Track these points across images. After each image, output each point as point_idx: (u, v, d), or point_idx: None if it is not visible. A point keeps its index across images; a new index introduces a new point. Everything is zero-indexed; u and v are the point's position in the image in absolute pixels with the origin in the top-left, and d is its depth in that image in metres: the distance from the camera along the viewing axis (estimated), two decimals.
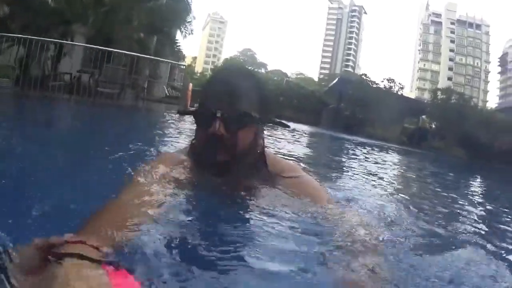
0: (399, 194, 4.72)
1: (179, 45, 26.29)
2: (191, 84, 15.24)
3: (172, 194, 1.69)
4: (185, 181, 1.81)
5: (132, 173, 1.83)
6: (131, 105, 14.80)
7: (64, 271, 0.90)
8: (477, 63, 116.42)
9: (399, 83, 62.50)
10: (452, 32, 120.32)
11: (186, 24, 24.38)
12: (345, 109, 54.16)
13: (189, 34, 25.09)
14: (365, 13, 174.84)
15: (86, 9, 18.08)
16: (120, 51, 15.47)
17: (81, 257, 0.94)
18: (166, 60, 21.32)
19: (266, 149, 1.96)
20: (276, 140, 9.70)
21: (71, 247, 0.98)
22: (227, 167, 1.73)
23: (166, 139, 6.75)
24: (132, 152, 3.99)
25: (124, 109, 13.89)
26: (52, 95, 13.92)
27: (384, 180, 6.26)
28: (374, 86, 60.81)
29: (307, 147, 12.83)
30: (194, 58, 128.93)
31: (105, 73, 14.61)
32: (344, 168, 7.03)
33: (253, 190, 1.85)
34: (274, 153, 2.51)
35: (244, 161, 1.78)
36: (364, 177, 5.82)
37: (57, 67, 16.26)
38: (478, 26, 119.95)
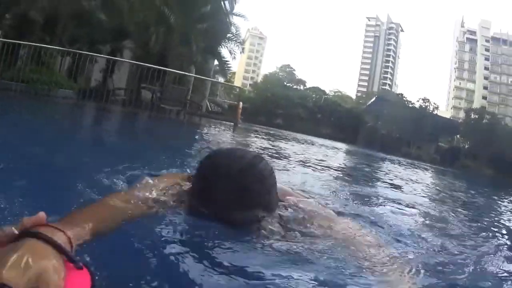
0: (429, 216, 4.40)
1: (230, 65, 26.47)
2: (241, 103, 16.01)
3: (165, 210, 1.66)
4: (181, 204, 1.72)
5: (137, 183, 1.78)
6: (187, 120, 15.59)
7: (24, 246, 0.88)
8: (511, 81, 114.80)
9: (434, 103, 62.83)
10: (487, 50, 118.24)
11: (238, 44, 25.02)
12: (382, 127, 54.34)
13: (241, 53, 25.90)
14: (402, 30, 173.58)
15: (148, 28, 18.82)
16: (184, 73, 16.63)
17: (48, 241, 0.93)
18: (223, 82, 22.35)
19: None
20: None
21: (43, 229, 0.96)
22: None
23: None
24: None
25: (185, 123, 14.72)
26: (113, 107, 15.14)
27: (407, 195, 6.14)
28: (410, 105, 61.20)
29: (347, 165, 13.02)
30: (233, 74, 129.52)
31: (168, 91, 15.63)
32: (376, 187, 6.74)
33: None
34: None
35: None
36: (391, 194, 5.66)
37: (115, 82, 17.19)
38: None
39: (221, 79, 31.25)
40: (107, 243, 1.33)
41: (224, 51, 24.88)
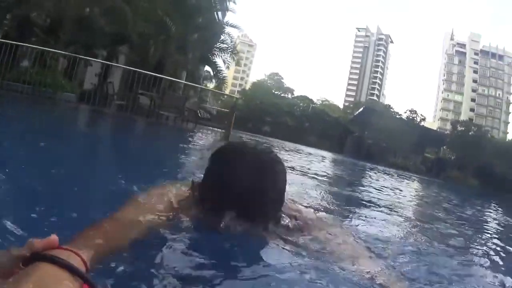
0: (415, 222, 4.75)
1: (225, 74, 27.09)
2: (235, 113, 16.37)
3: (171, 223, 1.63)
4: (187, 214, 1.70)
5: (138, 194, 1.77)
6: (184, 127, 15.98)
7: (39, 272, 0.85)
8: (499, 94, 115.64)
9: (421, 115, 63.52)
10: (476, 63, 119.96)
11: (232, 54, 25.77)
12: (368, 138, 54.92)
13: (235, 63, 26.39)
14: (392, 41, 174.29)
15: (148, 36, 19.30)
16: (184, 81, 17.11)
17: (63, 265, 0.89)
18: (217, 91, 22.88)
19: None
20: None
21: (57, 252, 0.93)
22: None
23: None
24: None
25: (183, 130, 15.10)
26: (113, 112, 15.65)
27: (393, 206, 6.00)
28: (397, 116, 62.04)
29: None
30: (222, 80, 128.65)
31: (167, 97, 15.97)
32: (363, 195, 6.79)
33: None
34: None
35: None
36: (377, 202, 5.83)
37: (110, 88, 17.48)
38: (501, 57, 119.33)
39: (210, 86, 31.90)
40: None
41: (217, 60, 25.44)
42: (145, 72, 15.86)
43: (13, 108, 9.97)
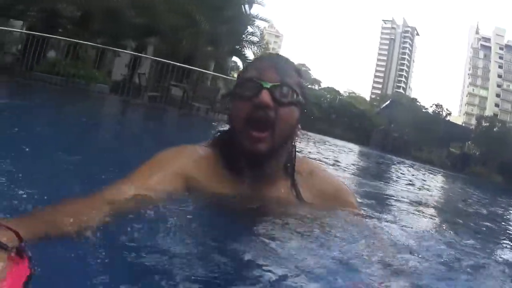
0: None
1: None
2: None
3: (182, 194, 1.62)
4: (204, 177, 1.68)
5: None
6: (213, 118, 15.58)
7: None
8: None
9: (446, 109, 62.86)
10: (501, 58, 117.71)
11: (262, 48, 25.94)
12: (394, 131, 54.57)
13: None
14: (418, 34, 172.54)
15: (179, 29, 19.36)
16: (215, 73, 17.58)
17: None
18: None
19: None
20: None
21: None
22: (263, 158, 1.64)
23: None
24: None
25: (214, 120, 14.76)
26: (143, 102, 15.75)
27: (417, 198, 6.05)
28: (423, 110, 61.52)
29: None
30: None
31: (200, 89, 16.22)
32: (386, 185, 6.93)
33: (276, 202, 1.75)
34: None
35: (278, 157, 1.71)
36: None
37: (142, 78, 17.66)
38: None
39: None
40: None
41: (247, 52, 25.48)
42: (178, 64, 15.97)
43: (53, 100, 10.21)
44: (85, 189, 1.51)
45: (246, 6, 26.38)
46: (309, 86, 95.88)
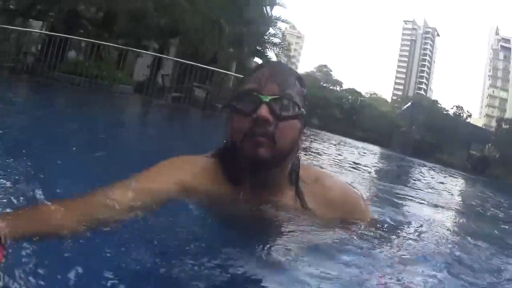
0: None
1: None
2: None
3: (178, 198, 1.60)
4: (202, 188, 1.65)
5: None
6: None
7: None
8: None
9: (467, 111, 62.73)
10: None
11: (284, 50, 26.08)
12: (416, 133, 54.30)
13: (287, 60, 26.40)
14: (438, 35, 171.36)
15: (202, 31, 19.42)
16: (237, 75, 17.50)
17: None
18: None
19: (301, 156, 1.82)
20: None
21: None
22: (265, 166, 1.58)
23: None
24: None
25: None
26: (167, 103, 15.91)
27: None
28: (444, 112, 61.18)
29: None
30: None
31: (223, 90, 16.28)
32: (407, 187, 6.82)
33: (280, 208, 1.70)
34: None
35: (281, 165, 1.64)
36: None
37: (165, 79, 17.81)
38: None
39: None
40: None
41: (269, 53, 25.61)
42: (202, 66, 16.09)
43: (80, 100, 10.39)
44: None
45: (268, 7, 26.46)
46: (331, 87, 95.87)
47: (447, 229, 2.99)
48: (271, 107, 1.53)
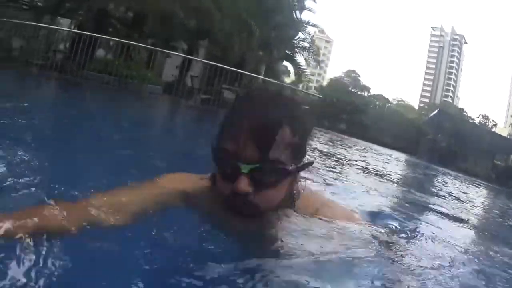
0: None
1: (306, 72, 27.93)
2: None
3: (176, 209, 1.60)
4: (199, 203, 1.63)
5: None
6: None
7: None
8: None
9: (492, 120, 62.34)
10: None
11: (313, 54, 26.23)
12: (442, 141, 54.03)
13: (316, 64, 26.55)
14: (466, 42, 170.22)
15: (231, 34, 19.35)
16: (266, 78, 17.52)
17: None
18: (294, 87, 23.21)
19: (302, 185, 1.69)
20: None
21: None
22: (253, 217, 1.48)
23: None
24: None
25: None
26: (196, 105, 15.99)
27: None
28: (470, 121, 60.73)
29: None
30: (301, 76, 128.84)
31: None
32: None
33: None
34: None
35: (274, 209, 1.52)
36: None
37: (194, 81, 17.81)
38: None
39: (287, 80, 31.97)
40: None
41: (298, 57, 25.69)
42: (231, 68, 16.09)
43: (109, 99, 10.36)
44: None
45: (297, 12, 26.46)
46: (359, 92, 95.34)
47: (470, 245, 3.10)
48: (252, 177, 1.41)
